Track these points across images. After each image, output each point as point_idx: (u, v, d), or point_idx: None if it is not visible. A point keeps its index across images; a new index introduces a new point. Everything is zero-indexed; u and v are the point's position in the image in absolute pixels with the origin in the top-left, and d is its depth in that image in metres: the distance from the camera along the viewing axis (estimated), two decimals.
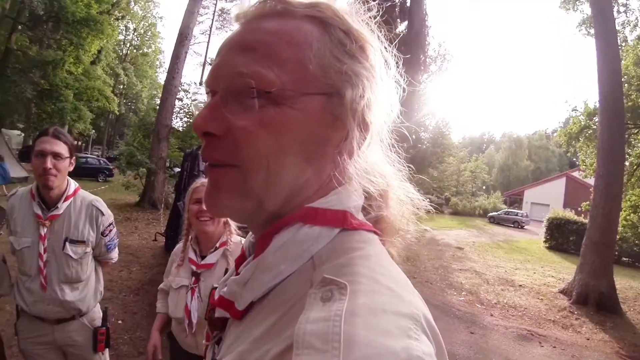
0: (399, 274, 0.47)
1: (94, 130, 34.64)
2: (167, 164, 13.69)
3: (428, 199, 0.66)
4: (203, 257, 1.97)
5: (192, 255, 1.99)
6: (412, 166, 0.67)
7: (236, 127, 0.48)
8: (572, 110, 15.73)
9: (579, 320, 7.55)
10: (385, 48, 0.58)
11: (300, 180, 0.51)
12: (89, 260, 2.12)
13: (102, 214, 2.14)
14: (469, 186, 44.85)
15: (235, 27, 0.55)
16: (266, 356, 0.41)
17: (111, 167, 22.66)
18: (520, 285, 9.91)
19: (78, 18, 19.55)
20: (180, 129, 16.93)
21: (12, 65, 20.13)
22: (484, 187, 53.46)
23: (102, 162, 24.04)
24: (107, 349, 2.23)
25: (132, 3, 35.04)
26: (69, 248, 2.00)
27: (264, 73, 0.47)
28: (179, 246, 2.09)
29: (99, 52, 25.86)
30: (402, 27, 14.06)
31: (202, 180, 2.07)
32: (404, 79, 0.61)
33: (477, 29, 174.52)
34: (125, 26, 41.58)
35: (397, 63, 0.60)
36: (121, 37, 41.19)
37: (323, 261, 0.47)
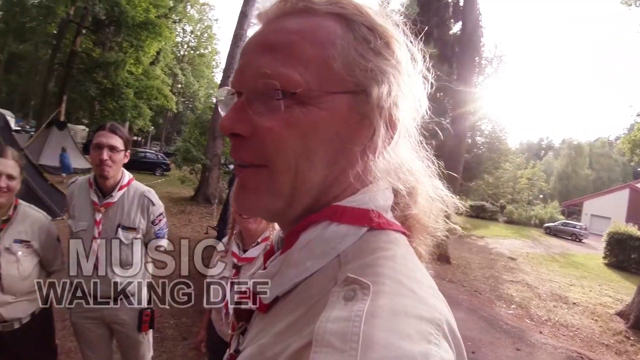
0: (424, 277, 0.47)
1: (153, 127, 36.60)
2: (222, 161, 14.09)
3: (482, 206, 0.64)
4: (245, 251, 2.04)
5: (235, 248, 2.06)
6: (441, 162, 0.66)
7: (262, 128, 0.48)
8: (637, 116, 14.64)
9: (635, 346, 6.92)
10: (411, 42, 0.56)
11: (328, 178, 0.51)
12: (138, 246, 2.25)
13: (153, 204, 2.28)
14: (525, 194, 42.88)
15: (258, 26, 0.54)
16: (286, 351, 0.41)
17: (168, 162, 23.66)
18: (574, 303, 9.32)
19: (137, 22, 20.83)
20: None
21: (78, 66, 21.73)
22: (541, 196, 50.93)
23: (160, 157, 25.21)
24: (150, 330, 2.38)
25: (189, 6, 36.48)
26: (120, 233, 2.16)
27: (288, 74, 0.47)
28: (225, 239, 2.17)
29: (158, 53, 27.20)
30: (456, 27, 13.73)
31: None
32: (455, 79, 0.59)
33: (536, 29, 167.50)
34: (183, 28, 43.53)
35: (424, 57, 0.58)
36: (179, 39, 43.17)
37: (349, 260, 0.47)
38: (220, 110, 0.57)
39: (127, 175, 2.27)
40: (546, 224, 33.53)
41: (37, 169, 8.42)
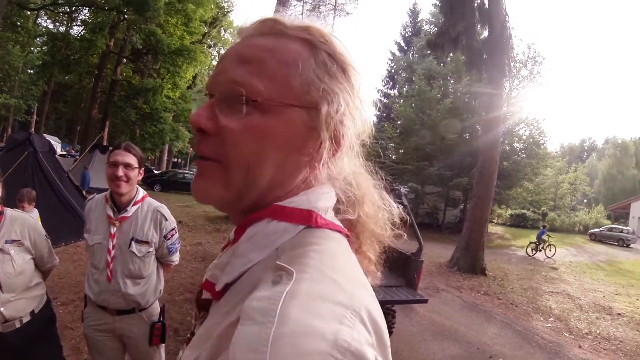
0: (351, 270, 0.53)
1: (191, 149, 37.48)
2: None
3: (523, 214, 0.72)
4: None
5: None
6: (389, 179, 0.76)
7: (225, 127, 0.55)
8: None
9: None
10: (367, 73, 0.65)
11: (275, 180, 0.57)
12: (151, 259, 2.35)
13: (166, 219, 2.39)
14: (568, 199, 41.16)
15: (236, 40, 0.64)
16: (224, 327, 0.48)
17: None
18: (619, 314, 8.80)
19: (173, 49, 21.71)
20: None
21: (119, 93, 22.90)
22: (584, 201, 48.78)
23: None
24: (162, 344, 2.45)
25: (223, 31, 37.59)
26: (134, 246, 2.26)
27: (254, 83, 0.55)
28: None
29: (194, 77, 28.12)
30: (486, 32, 13.43)
31: None
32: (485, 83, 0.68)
33: (573, 25, 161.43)
34: (218, 52, 44.80)
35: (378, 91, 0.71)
36: (214, 62, 44.39)
37: (284, 252, 0.53)
38: (192, 108, 0.67)
39: (141, 192, 2.38)
40: (591, 230, 31.97)
41: (80, 190, 8.92)
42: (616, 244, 28.30)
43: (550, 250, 17.50)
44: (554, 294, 10.13)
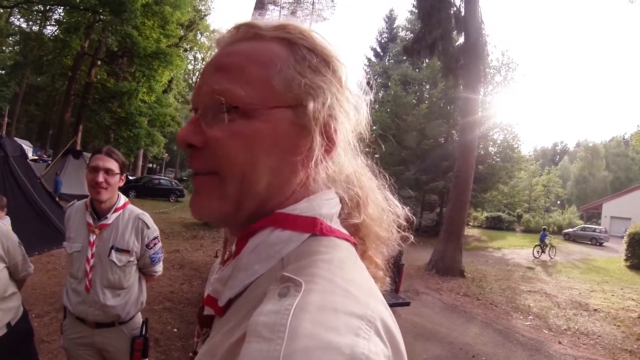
0: (362, 279, 0.50)
1: (167, 154, 36.99)
2: None
3: (499, 217, 0.69)
4: None
5: None
6: (392, 181, 0.72)
7: (212, 138, 0.53)
8: None
9: None
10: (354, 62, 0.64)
11: (272, 186, 0.55)
12: (132, 270, 2.26)
13: (148, 227, 2.29)
14: (542, 201, 42.08)
15: (215, 50, 0.62)
16: (227, 344, 0.46)
17: (181, 187, 24.11)
18: (595, 310, 9.08)
19: (149, 52, 21.35)
20: None
21: (93, 97, 22.35)
22: (558, 202, 49.90)
23: (173, 183, 25.71)
24: (145, 359, 2.33)
25: (199, 34, 37.26)
26: (114, 255, 2.16)
27: (233, 90, 0.53)
28: (218, 260, 2.16)
29: (170, 81, 27.74)
30: (461, 39, 13.68)
31: None
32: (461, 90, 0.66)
33: (544, 32, 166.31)
34: (194, 56, 44.41)
35: (369, 79, 0.66)
36: (190, 66, 44.06)
37: (290, 262, 0.51)
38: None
39: (123, 199, 2.29)
40: (565, 231, 32.77)
41: (53, 197, 8.65)
42: (590, 242, 29.13)
43: (552, 251, 18.64)
44: (531, 293, 10.35)
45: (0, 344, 2.03)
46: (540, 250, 18.50)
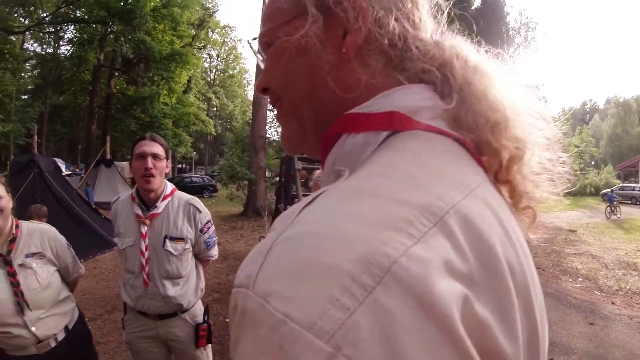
0: (451, 171, 0.38)
1: (195, 152, 37.57)
2: (268, 174, 14.24)
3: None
4: None
5: None
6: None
7: (264, 73, 0.57)
8: None
9: None
10: None
11: (318, 88, 0.50)
12: (188, 257, 2.19)
13: (200, 212, 2.22)
14: (577, 163, 40.93)
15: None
16: None
17: (214, 183, 24.23)
18: None
19: (164, 55, 21.57)
20: (276, 140, 17.73)
21: (115, 106, 22.86)
22: (592, 163, 48.32)
23: (205, 179, 26.07)
24: (209, 345, 2.31)
25: (210, 32, 37.40)
26: (169, 245, 2.08)
27: (262, 32, 0.57)
28: None
29: (189, 81, 28.05)
30: (477, 2, 13.29)
31: (318, 172, 2.07)
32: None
33: None
34: (209, 54, 44.80)
35: None
36: (206, 64, 44.64)
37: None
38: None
39: (170, 186, 2.23)
40: (602, 191, 31.74)
41: (90, 205, 8.88)
42: (629, 202, 28.17)
43: (618, 210, 19.43)
44: (577, 255, 10.05)
45: (60, 348, 2.01)
46: (611, 211, 19.13)
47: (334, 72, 0.49)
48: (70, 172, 24.75)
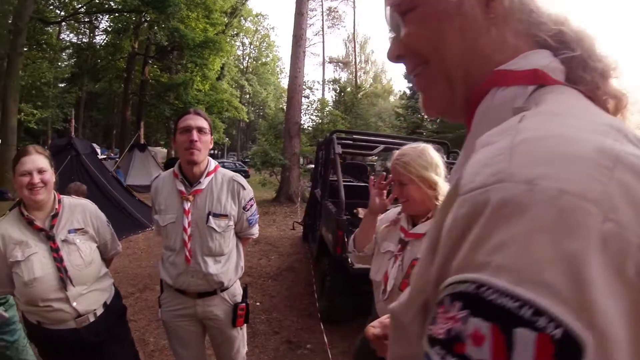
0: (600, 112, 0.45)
1: (227, 139, 38.00)
2: (301, 161, 14.21)
3: None
4: (414, 226, 1.82)
5: (404, 223, 1.86)
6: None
7: (403, 40, 0.57)
8: None
9: None
10: None
11: (469, 50, 0.53)
12: (231, 234, 2.15)
13: (244, 188, 2.17)
14: None
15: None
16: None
17: (246, 168, 24.42)
18: None
19: (198, 42, 21.67)
20: (310, 127, 17.50)
21: (149, 93, 23.21)
22: None
23: (237, 165, 26.61)
24: (245, 325, 2.29)
25: (243, 20, 37.49)
26: (212, 221, 2.05)
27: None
28: (394, 210, 1.98)
29: (222, 68, 28.16)
30: None
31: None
32: None
33: None
34: (242, 42, 45.04)
35: None
36: (239, 52, 44.96)
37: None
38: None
39: (213, 162, 2.17)
40: None
41: (125, 187, 9.05)
42: None
43: None
44: None
45: (98, 322, 2.02)
46: None
47: (485, 33, 0.52)
48: (105, 157, 25.51)
